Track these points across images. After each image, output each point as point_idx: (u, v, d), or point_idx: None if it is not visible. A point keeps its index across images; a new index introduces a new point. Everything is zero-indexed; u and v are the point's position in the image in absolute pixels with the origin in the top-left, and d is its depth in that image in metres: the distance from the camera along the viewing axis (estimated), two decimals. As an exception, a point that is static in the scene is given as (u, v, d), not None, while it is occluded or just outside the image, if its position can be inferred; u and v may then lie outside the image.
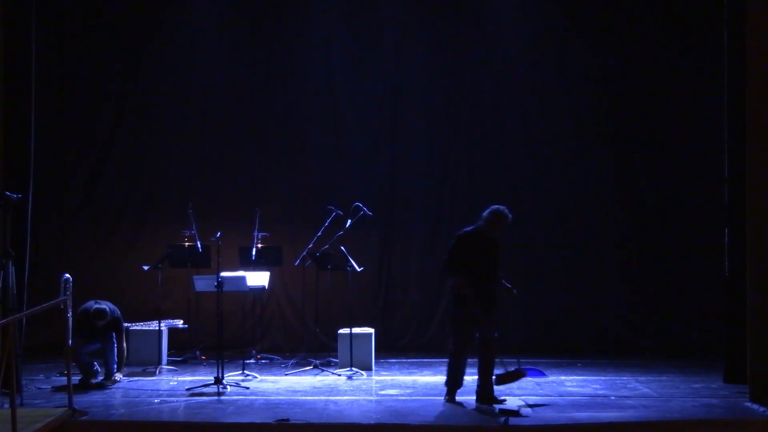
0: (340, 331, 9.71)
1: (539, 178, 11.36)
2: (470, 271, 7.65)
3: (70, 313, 8.72)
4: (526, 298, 9.62)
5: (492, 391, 7.68)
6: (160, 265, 9.76)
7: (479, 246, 7.78)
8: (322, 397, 8.06)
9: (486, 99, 11.41)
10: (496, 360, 7.82)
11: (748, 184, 7.99)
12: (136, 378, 9.08)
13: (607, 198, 11.35)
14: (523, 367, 8.41)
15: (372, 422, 7.04)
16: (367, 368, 9.50)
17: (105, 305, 8.77)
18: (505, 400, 7.68)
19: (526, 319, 10.81)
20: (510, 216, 7.86)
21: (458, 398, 7.83)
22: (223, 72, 11.45)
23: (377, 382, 8.99)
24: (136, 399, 7.95)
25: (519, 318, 10.62)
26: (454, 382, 7.87)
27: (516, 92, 11.40)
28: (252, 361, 10.10)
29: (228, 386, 8.35)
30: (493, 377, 7.72)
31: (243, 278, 9.19)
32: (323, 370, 9.44)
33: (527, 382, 8.75)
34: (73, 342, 8.10)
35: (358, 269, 9.71)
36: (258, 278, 9.87)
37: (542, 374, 8.92)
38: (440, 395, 8.09)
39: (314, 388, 8.61)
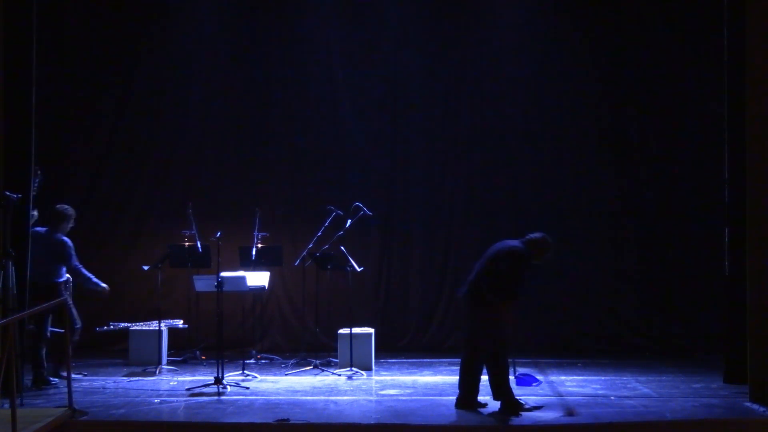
0: (340, 331, 9.71)
1: (539, 178, 11.36)
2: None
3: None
4: (526, 298, 9.59)
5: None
6: (160, 265, 9.75)
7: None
8: (322, 397, 8.06)
9: (486, 99, 11.40)
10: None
11: (748, 184, 7.98)
12: (136, 378, 9.08)
13: (606, 197, 11.34)
14: (517, 374, 8.27)
15: (372, 422, 7.04)
16: (367, 368, 9.49)
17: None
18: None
19: (526, 319, 10.79)
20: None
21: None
22: (223, 71, 11.45)
23: (377, 382, 8.99)
24: (136, 399, 7.94)
25: (519, 318, 10.58)
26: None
27: (516, 93, 11.39)
28: (252, 361, 10.09)
29: (228, 386, 8.35)
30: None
31: (243, 278, 9.19)
32: (323, 370, 9.43)
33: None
34: None
35: (358, 269, 9.71)
36: (258, 278, 9.86)
37: (536, 381, 8.56)
38: (440, 395, 8.11)
39: (314, 388, 8.61)
